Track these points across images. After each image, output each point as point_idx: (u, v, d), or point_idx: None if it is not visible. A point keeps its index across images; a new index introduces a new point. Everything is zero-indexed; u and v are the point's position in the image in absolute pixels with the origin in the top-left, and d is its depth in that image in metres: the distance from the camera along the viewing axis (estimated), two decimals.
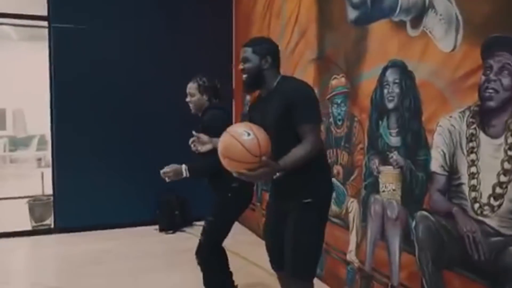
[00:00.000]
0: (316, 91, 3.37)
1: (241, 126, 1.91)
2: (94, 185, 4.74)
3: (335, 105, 3.16)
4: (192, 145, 2.51)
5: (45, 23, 4.55)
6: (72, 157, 4.70)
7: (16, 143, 9.55)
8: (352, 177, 2.99)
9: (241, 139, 1.80)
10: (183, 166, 2.61)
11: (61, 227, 4.73)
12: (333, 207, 3.22)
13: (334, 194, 3.20)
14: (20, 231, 4.67)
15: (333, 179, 3.20)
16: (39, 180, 6.28)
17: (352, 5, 2.93)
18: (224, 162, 1.87)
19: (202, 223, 2.82)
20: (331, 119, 3.21)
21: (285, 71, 3.85)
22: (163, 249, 4.33)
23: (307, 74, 3.51)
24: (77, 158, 4.70)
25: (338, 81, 3.12)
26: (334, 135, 3.19)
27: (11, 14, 4.66)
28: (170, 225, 4.86)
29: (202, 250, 2.75)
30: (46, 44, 4.60)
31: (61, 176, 4.73)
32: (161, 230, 4.85)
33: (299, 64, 3.66)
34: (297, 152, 1.94)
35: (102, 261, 3.94)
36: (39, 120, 5.63)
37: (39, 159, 8.00)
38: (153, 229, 4.86)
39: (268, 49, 2.14)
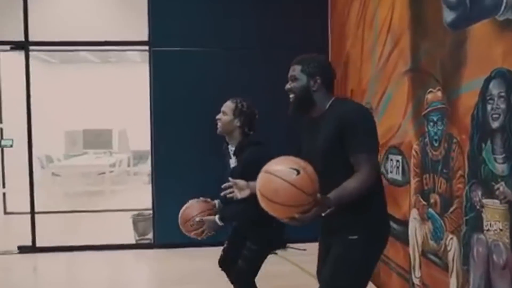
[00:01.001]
0: (410, 106, 3.00)
1: (283, 163, 1.63)
2: None
3: (431, 123, 2.70)
4: (227, 192, 2.32)
5: (146, 47, 4.79)
6: (170, 174, 4.84)
7: (138, 157, 10.42)
8: (451, 209, 2.50)
9: (291, 179, 1.52)
10: (216, 216, 2.56)
11: (161, 243, 4.87)
12: (431, 243, 2.76)
13: (426, 228, 2.78)
14: (122, 244, 4.93)
15: (430, 210, 2.74)
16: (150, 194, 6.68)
17: (449, 5, 2.48)
18: (270, 208, 1.59)
19: (296, 245, 2.67)
20: (427, 139, 2.76)
21: (378, 85, 3.52)
22: None
23: (401, 88, 3.09)
24: (175, 175, 4.81)
25: (434, 95, 2.66)
26: (431, 158, 2.72)
27: (115, 41, 5.01)
28: None
29: (245, 277, 2.65)
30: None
31: (160, 192, 4.90)
32: None
33: (393, 77, 3.24)
34: (349, 186, 1.66)
35: (192, 280, 3.98)
36: (143, 138, 5.96)
37: (149, 174, 8.54)
38: None
39: (318, 68, 1.90)
